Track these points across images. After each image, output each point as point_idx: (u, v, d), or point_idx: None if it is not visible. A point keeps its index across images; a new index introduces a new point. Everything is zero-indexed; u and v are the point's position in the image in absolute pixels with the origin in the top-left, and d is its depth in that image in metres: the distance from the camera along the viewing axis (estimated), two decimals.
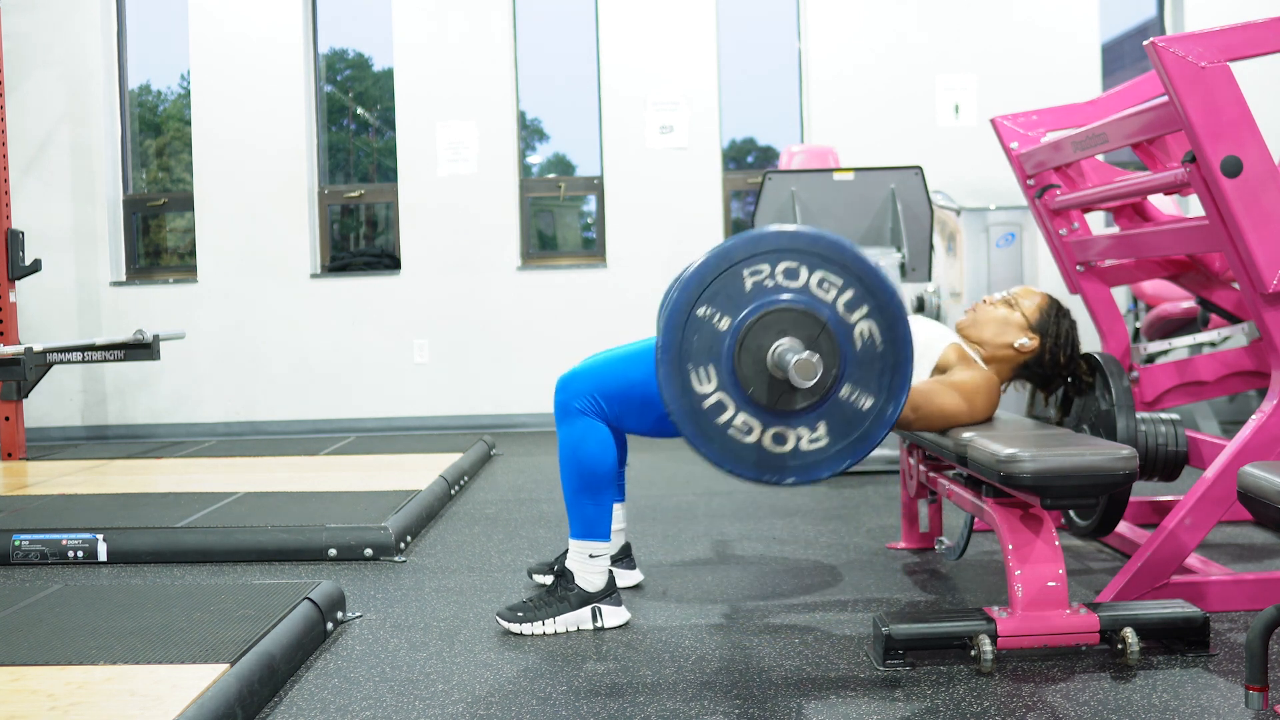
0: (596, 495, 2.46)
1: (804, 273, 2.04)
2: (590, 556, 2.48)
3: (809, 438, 2.06)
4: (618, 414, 2.47)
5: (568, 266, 6.40)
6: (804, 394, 2.03)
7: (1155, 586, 2.45)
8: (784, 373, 1.98)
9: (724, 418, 2.05)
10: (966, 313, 2.74)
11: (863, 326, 2.05)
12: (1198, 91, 2.22)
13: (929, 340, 2.58)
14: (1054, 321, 2.66)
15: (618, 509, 2.78)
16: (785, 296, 2.03)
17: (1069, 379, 2.73)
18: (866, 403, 2.06)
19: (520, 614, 2.48)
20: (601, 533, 2.47)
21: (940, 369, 2.54)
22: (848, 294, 2.04)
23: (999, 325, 2.66)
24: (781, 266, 2.03)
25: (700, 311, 2.03)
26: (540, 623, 2.46)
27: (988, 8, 6.28)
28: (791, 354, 1.96)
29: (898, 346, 2.06)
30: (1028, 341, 2.63)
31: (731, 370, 2.03)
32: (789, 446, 2.07)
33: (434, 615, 2.65)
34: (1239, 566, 2.87)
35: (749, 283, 2.03)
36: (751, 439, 2.06)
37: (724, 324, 2.03)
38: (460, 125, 6.33)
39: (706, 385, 2.04)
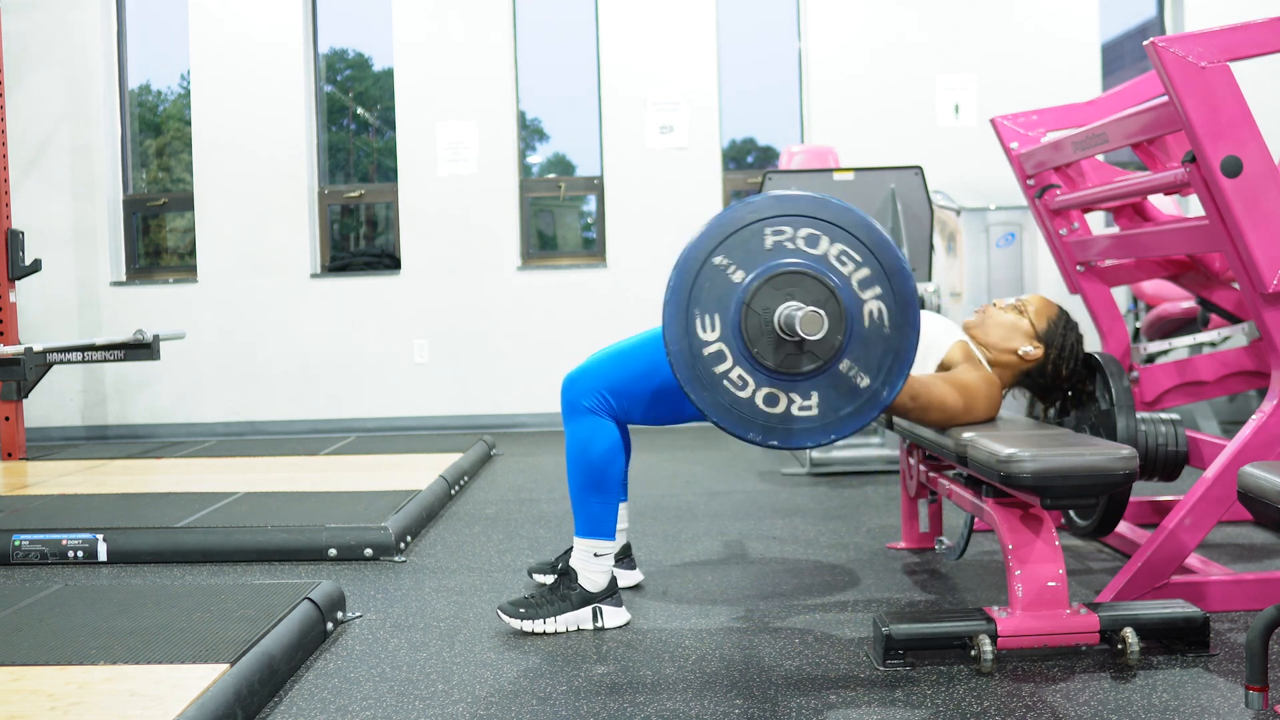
0: (603, 494, 2.46)
1: (825, 242, 2.02)
2: (595, 555, 2.48)
3: (800, 404, 2.05)
4: (625, 408, 2.47)
5: (568, 267, 6.40)
6: (804, 358, 2.02)
7: (1155, 586, 2.45)
8: (790, 328, 1.97)
9: (721, 368, 2.04)
10: (975, 313, 2.72)
11: (873, 306, 2.04)
12: (1198, 91, 2.22)
13: (936, 336, 2.56)
14: (1061, 333, 2.65)
15: (621, 508, 2.78)
16: (802, 261, 2.02)
17: (1068, 392, 2.73)
18: (864, 381, 2.05)
19: (522, 610, 2.48)
20: (607, 531, 2.48)
21: (945, 365, 2.53)
22: (864, 272, 2.03)
23: (1006, 330, 2.65)
24: (804, 231, 2.02)
25: (717, 260, 2.02)
26: (541, 621, 2.46)
27: (988, 8, 6.28)
28: (800, 309, 1.96)
29: (904, 333, 2.05)
30: (1032, 350, 2.62)
31: (737, 323, 2.02)
32: (779, 409, 2.05)
33: (434, 615, 2.65)
34: (1239, 566, 2.86)
35: (769, 241, 2.02)
36: (744, 394, 2.04)
37: (738, 276, 2.02)
38: (460, 125, 6.33)
39: (710, 333, 2.03)
